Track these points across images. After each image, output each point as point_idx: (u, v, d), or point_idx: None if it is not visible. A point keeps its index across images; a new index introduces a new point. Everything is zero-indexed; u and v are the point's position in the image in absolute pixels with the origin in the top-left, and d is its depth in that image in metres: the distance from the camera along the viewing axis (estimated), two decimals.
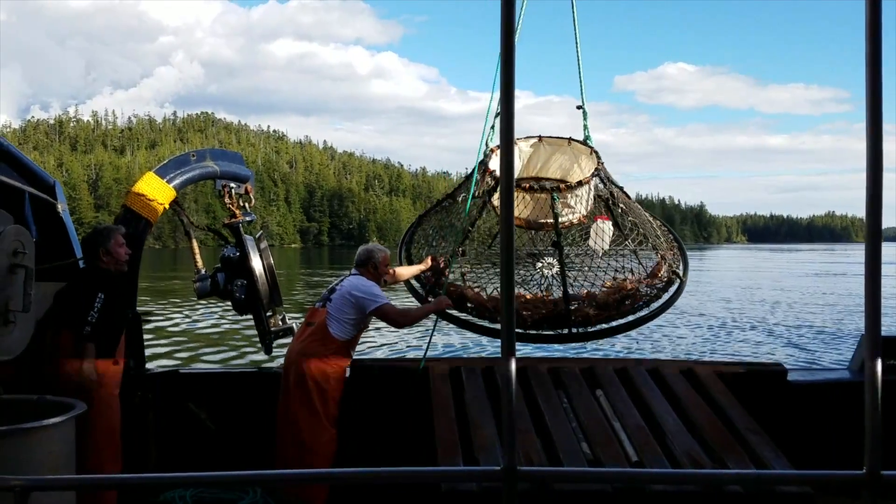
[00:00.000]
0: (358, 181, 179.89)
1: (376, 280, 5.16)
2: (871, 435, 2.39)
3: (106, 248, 4.61)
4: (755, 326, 20.14)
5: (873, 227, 2.44)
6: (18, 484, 2.68)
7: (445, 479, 3.14)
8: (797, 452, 4.35)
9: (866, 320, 2.43)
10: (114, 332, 4.57)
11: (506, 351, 2.49)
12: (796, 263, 68.76)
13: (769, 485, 3.45)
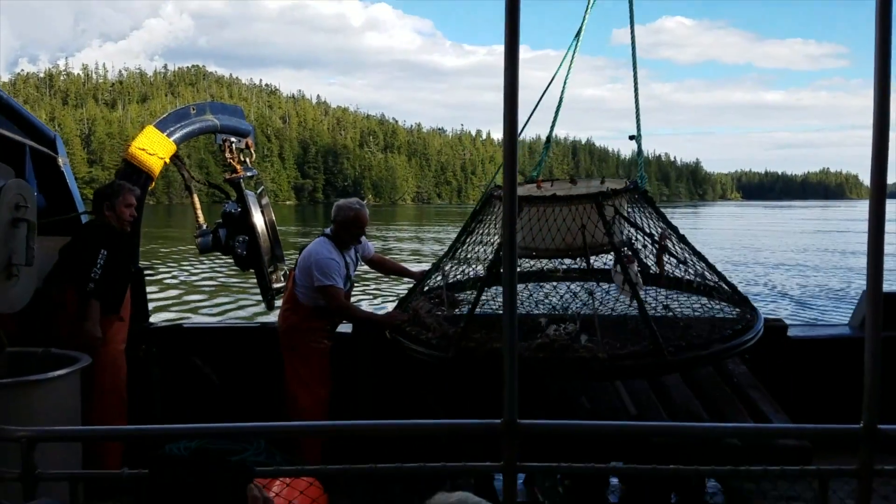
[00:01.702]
0: (352, 137, 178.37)
1: (348, 239, 4.85)
2: (869, 391, 2.42)
3: (112, 203, 4.58)
4: (754, 283, 20.26)
5: (878, 182, 2.43)
6: (24, 435, 2.72)
7: (447, 434, 3.16)
8: (796, 408, 4.40)
9: (868, 277, 2.44)
10: (118, 288, 4.56)
11: (508, 305, 2.50)
12: (792, 220, 68.92)
13: (767, 439, 3.50)
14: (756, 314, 4.20)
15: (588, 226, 3.95)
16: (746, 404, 4.16)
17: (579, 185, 4.76)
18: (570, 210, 3.94)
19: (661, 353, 3.64)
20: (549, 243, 3.99)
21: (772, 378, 4.60)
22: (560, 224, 3.96)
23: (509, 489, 2.46)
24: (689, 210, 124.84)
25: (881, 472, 2.48)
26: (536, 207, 4.00)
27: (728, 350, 3.90)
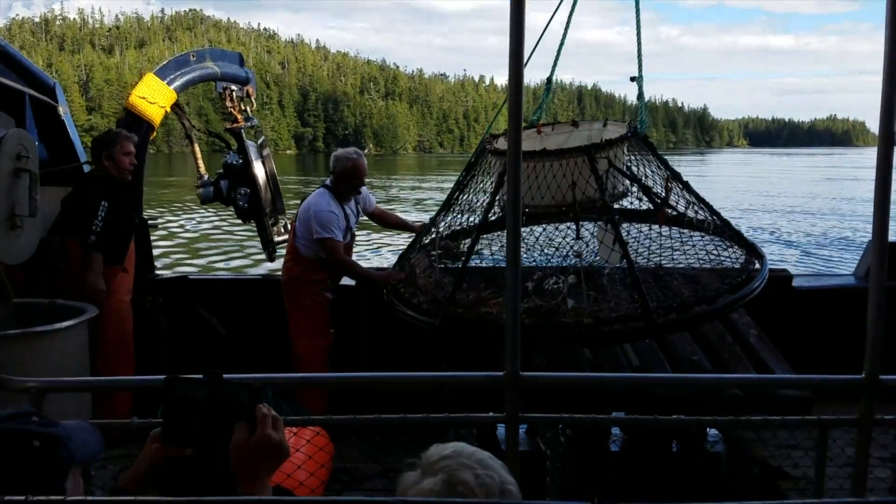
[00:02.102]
0: (353, 83, 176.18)
1: (346, 190, 4.83)
2: (872, 342, 2.44)
3: (110, 152, 4.53)
4: (760, 231, 20.23)
5: (886, 129, 2.40)
6: (34, 386, 2.75)
7: (449, 385, 3.19)
8: (800, 357, 4.43)
9: (874, 227, 2.43)
10: (120, 239, 4.55)
11: (512, 255, 2.50)
12: (799, 168, 68.49)
13: (769, 389, 3.52)
14: (763, 261, 4.12)
15: (579, 182, 3.81)
16: (749, 354, 4.18)
17: (581, 128, 4.67)
18: (562, 165, 3.79)
19: (650, 317, 3.56)
20: (540, 200, 3.86)
21: (777, 328, 4.62)
22: (551, 180, 3.82)
23: (512, 440, 2.50)
24: (696, 157, 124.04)
25: (881, 421, 2.51)
26: (526, 163, 3.80)
27: (727, 306, 3.83)
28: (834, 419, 2.57)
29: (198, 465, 1.42)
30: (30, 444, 1.26)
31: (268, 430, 1.39)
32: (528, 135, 4.50)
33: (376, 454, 4.36)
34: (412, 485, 1.25)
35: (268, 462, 1.40)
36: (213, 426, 1.42)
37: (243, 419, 1.41)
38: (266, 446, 1.38)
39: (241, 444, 1.38)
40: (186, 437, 1.43)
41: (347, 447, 4.34)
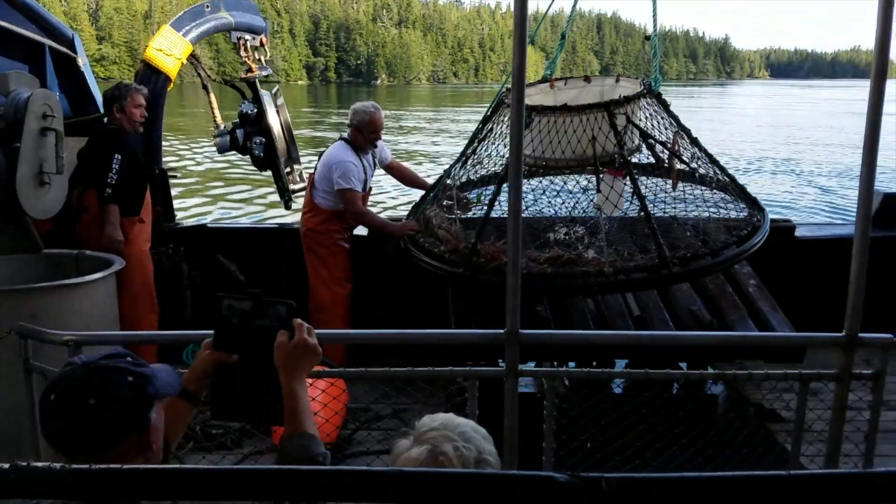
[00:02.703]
0: (365, 11, 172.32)
1: (363, 143, 4.96)
2: (853, 300, 2.58)
3: (121, 105, 4.61)
4: (775, 173, 20.05)
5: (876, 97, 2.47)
6: (71, 339, 2.96)
7: (452, 342, 3.37)
8: (801, 306, 4.57)
9: (859, 204, 2.53)
10: (136, 190, 4.67)
11: (513, 210, 2.62)
12: (821, 101, 67.04)
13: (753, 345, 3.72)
14: (764, 215, 4.27)
15: (598, 136, 3.96)
16: (747, 304, 4.34)
17: (594, 83, 4.75)
18: (581, 120, 3.94)
19: (666, 265, 3.76)
20: (560, 154, 4.02)
21: (779, 277, 4.75)
22: (571, 135, 3.97)
23: (511, 393, 2.69)
24: (717, 88, 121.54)
25: (859, 375, 2.68)
26: (547, 118, 3.99)
27: (733, 258, 4.00)
28: (814, 373, 2.74)
29: (242, 369, 1.74)
30: (125, 379, 1.48)
31: (304, 335, 1.71)
32: (541, 89, 4.60)
33: (388, 394, 4.60)
34: (403, 451, 1.45)
35: (306, 360, 1.71)
36: (257, 335, 1.73)
37: (283, 328, 1.72)
38: (304, 347, 1.70)
39: (283, 345, 1.70)
40: (233, 345, 1.75)
41: (361, 389, 4.59)
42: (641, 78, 4.52)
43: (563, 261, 3.90)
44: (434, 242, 4.37)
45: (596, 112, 3.97)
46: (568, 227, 4.47)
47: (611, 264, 3.80)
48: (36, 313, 3.46)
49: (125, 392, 1.47)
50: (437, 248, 4.30)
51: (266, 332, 1.72)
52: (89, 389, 1.44)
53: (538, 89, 4.63)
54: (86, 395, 1.44)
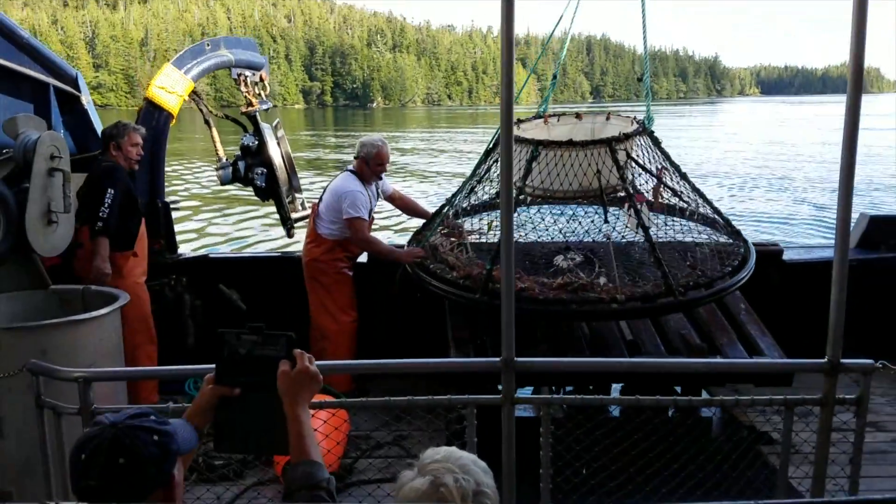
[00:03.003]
0: (360, 36, 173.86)
1: (370, 174, 5.12)
2: (833, 327, 2.68)
3: (118, 143, 4.73)
4: (769, 191, 20.14)
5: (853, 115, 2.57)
6: (82, 376, 3.05)
7: (449, 370, 3.47)
8: (790, 329, 4.68)
9: (837, 234, 2.63)
10: (129, 225, 4.75)
11: (506, 232, 2.73)
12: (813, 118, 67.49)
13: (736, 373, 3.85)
14: (748, 246, 4.47)
15: (602, 170, 4.19)
16: (737, 328, 4.45)
17: (585, 120, 4.93)
18: (585, 154, 4.18)
19: (672, 294, 3.95)
20: (567, 186, 4.24)
21: (767, 301, 4.86)
22: (577, 168, 4.20)
23: (508, 420, 2.78)
24: (707, 107, 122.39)
25: (843, 400, 2.78)
26: (553, 152, 4.22)
27: (730, 287, 4.19)
28: (799, 399, 2.84)
29: (244, 401, 1.82)
30: (151, 438, 1.58)
31: (305, 363, 1.80)
32: (535, 124, 4.85)
33: (390, 423, 4.68)
34: (407, 481, 1.54)
35: (308, 388, 1.80)
36: (259, 368, 1.81)
37: (285, 358, 1.81)
38: (306, 375, 1.79)
39: (286, 374, 1.78)
40: (234, 378, 1.83)
41: (362, 417, 4.67)
42: (632, 118, 4.73)
43: (576, 287, 4.06)
44: (445, 269, 4.49)
45: (599, 147, 4.21)
46: (570, 253, 4.70)
47: (622, 292, 3.98)
48: (45, 349, 3.55)
49: (151, 451, 1.56)
50: (449, 274, 4.42)
51: (268, 363, 1.80)
52: (118, 449, 1.53)
53: (533, 124, 4.84)
54: (115, 455, 1.52)
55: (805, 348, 3.46)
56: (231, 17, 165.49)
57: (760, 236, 14.30)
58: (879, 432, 4.54)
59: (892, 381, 4.76)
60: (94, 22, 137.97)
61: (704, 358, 4.03)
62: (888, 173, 24.73)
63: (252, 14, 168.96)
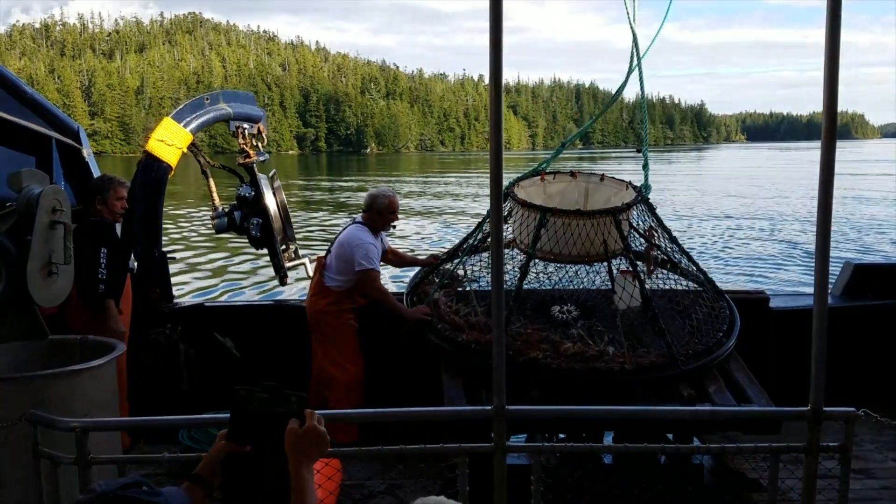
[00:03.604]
0: (353, 84, 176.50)
1: (381, 225, 5.21)
2: (815, 377, 2.75)
3: (104, 197, 4.81)
4: (758, 239, 20.35)
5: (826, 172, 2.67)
6: (78, 426, 3.09)
7: (441, 419, 3.52)
8: (777, 376, 4.76)
9: (816, 286, 2.72)
10: (121, 280, 4.82)
11: (496, 285, 2.81)
12: (798, 164, 68.47)
13: (720, 422, 3.93)
14: (732, 307, 4.72)
15: (607, 238, 4.43)
16: (725, 376, 4.53)
17: (579, 179, 5.12)
18: (593, 224, 4.43)
19: (676, 365, 4.16)
20: (572, 249, 4.44)
21: (755, 348, 4.94)
22: (583, 235, 4.42)
23: (500, 469, 2.83)
24: (694, 153, 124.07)
25: (826, 448, 2.85)
26: (560, 219, 4.44)
27: (725, 352, 4.39)
28: (784, 446, 2.90)
29: (255, 458, 1.83)
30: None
31: (314, 423, 1.80)
32: (532, 181, 5.05)
33: (383, 472, 4.70)
34: None
35: (315, 448, 1.80)
36: (269, 426, 1.81)
37: (294, 417, 1.81)
38: (313, 434, 1.78)
39: (294, 432, 1.78)
40: (247, 435, 1.84)
41: (355, 467, 4.69)
42: (628, 182, 4.95)
43: (587, 356, 4.22)
44: (454, 332, 4.54)
45: (604, 217, 4.43)
46: (567, 305, 4.85)
47: (630, 361, 4.15)
48: (43, 398, 3.59)
49: None
50: (460, 337, 4.48)
51: (279, 422, 1.81)
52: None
53: (530, 182, 5.04)
54: None
55: (794, 395, 3.53)
56: (226, 66, 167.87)
57: (750, 281, 14.46)
58: (869, 479, 4.58)
59: (880, 429, 4.81)
60: (91, 71, 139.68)
61: (693, 405, 4.09)
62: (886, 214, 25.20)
63: (247, 63, 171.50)
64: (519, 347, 4.32)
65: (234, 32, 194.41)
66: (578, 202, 5.06)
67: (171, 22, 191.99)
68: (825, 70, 2.64)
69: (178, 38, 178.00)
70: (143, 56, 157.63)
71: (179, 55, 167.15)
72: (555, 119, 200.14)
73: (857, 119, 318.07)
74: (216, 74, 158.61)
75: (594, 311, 4.91)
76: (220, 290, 14.04)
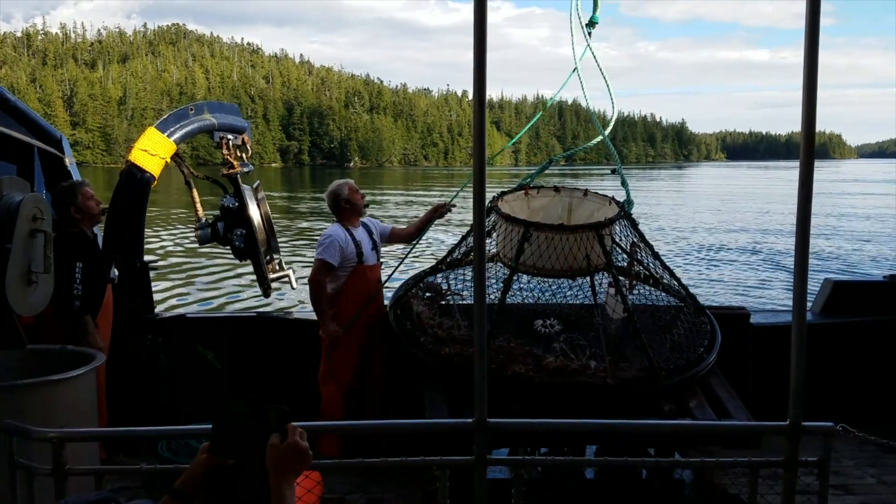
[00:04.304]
0: (337, 98, 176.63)
1: (354, 213, 5.19)
2: (794, 391, 2.77)
3: (76, 205, 4.72)
4: (738, 260, 20.56)
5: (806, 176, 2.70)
6: (56, 436, 3.05)
7: (422, 432, 3.51)
8: (757, 391, 4.80)
9: (794, 301, 2.75)
10: (97, 293, 4.76)
11: (479, 298, 2.81)
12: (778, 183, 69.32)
13: (700, 435, 4.03)
14: (713, 322, 4.76)
15: (590, 252, 4.46)
16: (706, 391, 4.56)
17: (563, 193, 5.16)
18: (576, 238, 4.45)
19: (657, 380, 4.20)
20: (555, 263, 4.46)
21: (736, 363, 4.98)
22: (566, 249, 4.44)
23: (480, 482, 2.82)
24: (674, 171, 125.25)
25: (805, 463, 2.87)
26: (544, 234, 4.47)
27: (705, 367, 4.43)
28: (763, 461, 2.92)
29: (238, 472, 1.80)
30: None
31: (296, 438, 1.77)
32: (517, 196, 5.08)
33: (365, 486, 4.67)
34: None
35: (296, 463, 1.77)
36: (252, 440, 1.79)
37: (276, 432, 1.78)
38: (295, 450, 1.76)
39: (276, 448, 1.75)
40: (229, 449, 1.81)
41: (335, 480, 4.65)
42: (611, 198, 4.99)
43: (569, 370, 4.24)
44: (438, 346, 4.54)
45: (587, 232, 4.46)
46: (550, 320, 4.88)
47: (612, 376, 4.18)
48: (20, 408, 3.53)
49: None
50: (443, 350, 4.49)
51: (261, 436, 1.78)
52: None
53: (515, 196, 5.08)
54: None
55: (774, 411, 3.55)
56: (210, 78, 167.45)
57: (732, 298, 14.58)
58: (848, 495, 4.61)
59: (860, 445, 4.86)
60: (73, 81, 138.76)
61: (674, 420, 4.11)
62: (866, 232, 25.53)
63: (231, 75, 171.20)
64: (501, 361, 4.32)
65: (218, 44, 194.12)
66: (562, 217, 5.08)
67: (154, 33, 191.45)
68: (804, 90, 2.68)
69: (161, 48, 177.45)
70: (126, 67, 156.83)
71: (162, 66, 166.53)
72: (537, 136, 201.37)
73: (834, 139, 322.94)
74: (199, 86, 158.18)
75: (577, 326, 4.93)
76: (202, 301, 13.96)
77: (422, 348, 4.58)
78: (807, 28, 2.62)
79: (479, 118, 2.66)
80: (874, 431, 3.35)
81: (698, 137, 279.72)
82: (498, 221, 4.72)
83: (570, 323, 4.92)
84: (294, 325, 5.70)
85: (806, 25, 2.63)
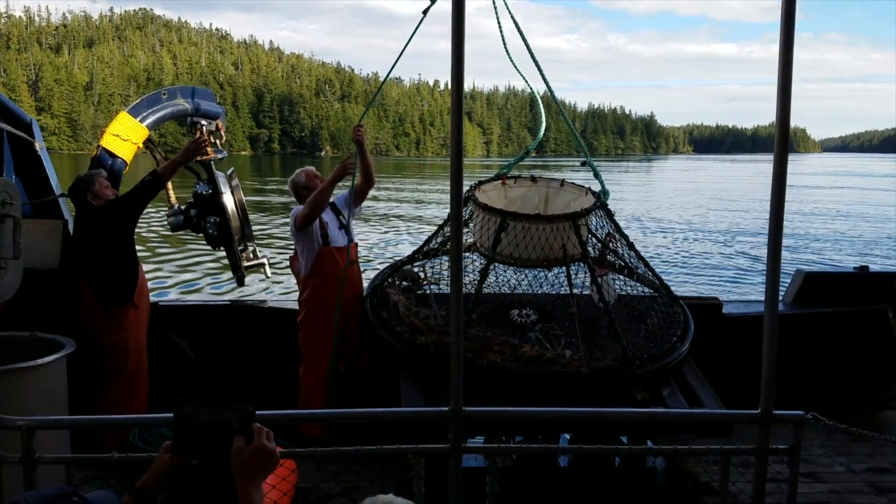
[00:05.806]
0: (308, 85, 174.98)
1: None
2: (766, 380, 2.82)
3: (93, 192, 4.74)
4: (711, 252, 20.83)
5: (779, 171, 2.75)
6: (24, 424, 3.00)
7: (399, 420, 3.51)
8: (729, 380, 4.87)
9: (767, 293, 2.79)
10: (126, 275, 4.80)
11: (455, 288, 2.81)
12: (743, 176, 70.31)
13: (674, 423, 4.05)
14: (686, 313, 4.82)
15: (566, 242, 4.48)
16: (679, 380, 4.63)
17: (539, 183, 5.17)
18: (552, 228, 4.47)
19: (631, 369, 4.24)
20: (534, 255, 4.48)
21: (708, 352, 5.05)
22: (542, 239, 4.46)
23: (455, 470, 2.83)
24: (644, 164, 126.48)
25: (776, 450, 2.92)
26: (521, 223, 4.47)
27: (678, 356, 4.49)
28: (735, 448, 2.97)
29: (201, 472, 1.73)
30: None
31: (262, 440, 1.71)
32: (494, 185, 5.07)
33: (339, 474, 4.66)
34: None
35: (262, 466, 1.71)
36: (215, 440, 1.72)
37: (241, 433, 1.72)
38: (261, 452, 1.70)
39: (240, 451, 1.69)
40: (192, 449, 1.74)
41: (310, 468, 4.63)
42: (587, 189, 5.01)
43: (544, 360, 4.26)
44: (414, 335, 4.53)
45: (563, 222, 4.48)
46: (526, 309, 4.91)
47: (586, 365, 4.21)
48: None
49: None
50: (418, 339, 4.47)
51: (225, 436, 1.73)
52: None
53: (492, 185, 5.07)
54: None
55: (745, 399, 3.61)
56: (177, 64, 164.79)
57: (704, 288, 14.78)
58: (817, 483, 4.71)
59: (829, 433, 4.96)
60: (38, 65, 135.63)
61: (647, 408, 4.16)
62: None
63: (199, 61, 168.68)
64: (477, 350, 4.34)
65: (186, 30, 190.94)
66: (539, 207, 5.09)
67: (120, 17, 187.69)
68: (779, 83, 2.71)
69: (128, 34, 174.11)
70: (92, 51, 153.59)
71: (129, 51, 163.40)
72: (509, 127, 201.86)
73: (799, 133, 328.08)
74: (167, 72, 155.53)
75: (552, 315, 4.96)
76: (174, 288, 13.78)
77: (398, 337, 4.57)
78: (782, 27, 2.65)
79: (457, 109, 2.66)
80: (844, 420, 3.42)
81: (666, 130, 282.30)
82: (475, 211, 4.73)
83: (545, 312, 4.95)
84: (269, 313, 5.64)
85: (781, 25, 2.66)
